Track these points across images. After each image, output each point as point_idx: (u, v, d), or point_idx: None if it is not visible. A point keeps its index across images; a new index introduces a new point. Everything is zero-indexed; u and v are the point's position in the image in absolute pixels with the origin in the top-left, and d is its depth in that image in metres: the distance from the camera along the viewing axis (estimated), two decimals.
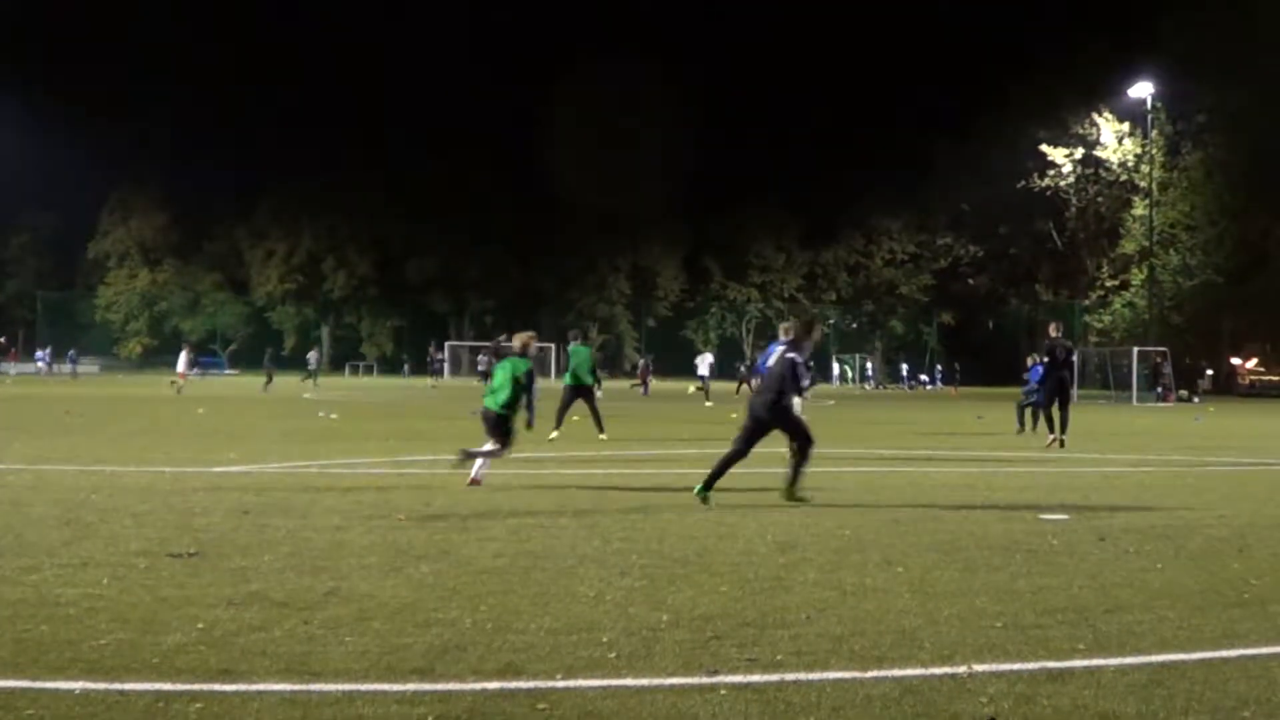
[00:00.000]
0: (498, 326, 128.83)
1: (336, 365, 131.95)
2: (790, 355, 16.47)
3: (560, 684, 7.23)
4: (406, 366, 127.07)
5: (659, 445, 28.07)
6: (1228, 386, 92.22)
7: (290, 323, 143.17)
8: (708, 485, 16.06)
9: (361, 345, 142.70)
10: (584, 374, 29.87)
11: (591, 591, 9.98)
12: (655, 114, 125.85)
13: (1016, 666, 7.87)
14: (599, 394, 30.97)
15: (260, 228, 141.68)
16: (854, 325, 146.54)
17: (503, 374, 18.61)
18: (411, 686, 7.11)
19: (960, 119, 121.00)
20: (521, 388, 18.49)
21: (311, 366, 76.89)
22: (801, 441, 16.56)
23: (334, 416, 38.64)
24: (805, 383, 16.35)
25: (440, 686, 7.13)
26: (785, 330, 17.65)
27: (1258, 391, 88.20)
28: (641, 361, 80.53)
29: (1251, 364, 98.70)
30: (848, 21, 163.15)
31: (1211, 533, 14.13)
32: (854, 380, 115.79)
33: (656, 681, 7.34)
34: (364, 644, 8.10)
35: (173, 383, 60.32)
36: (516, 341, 19.51)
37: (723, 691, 7.13)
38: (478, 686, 7.14)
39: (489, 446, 18.24)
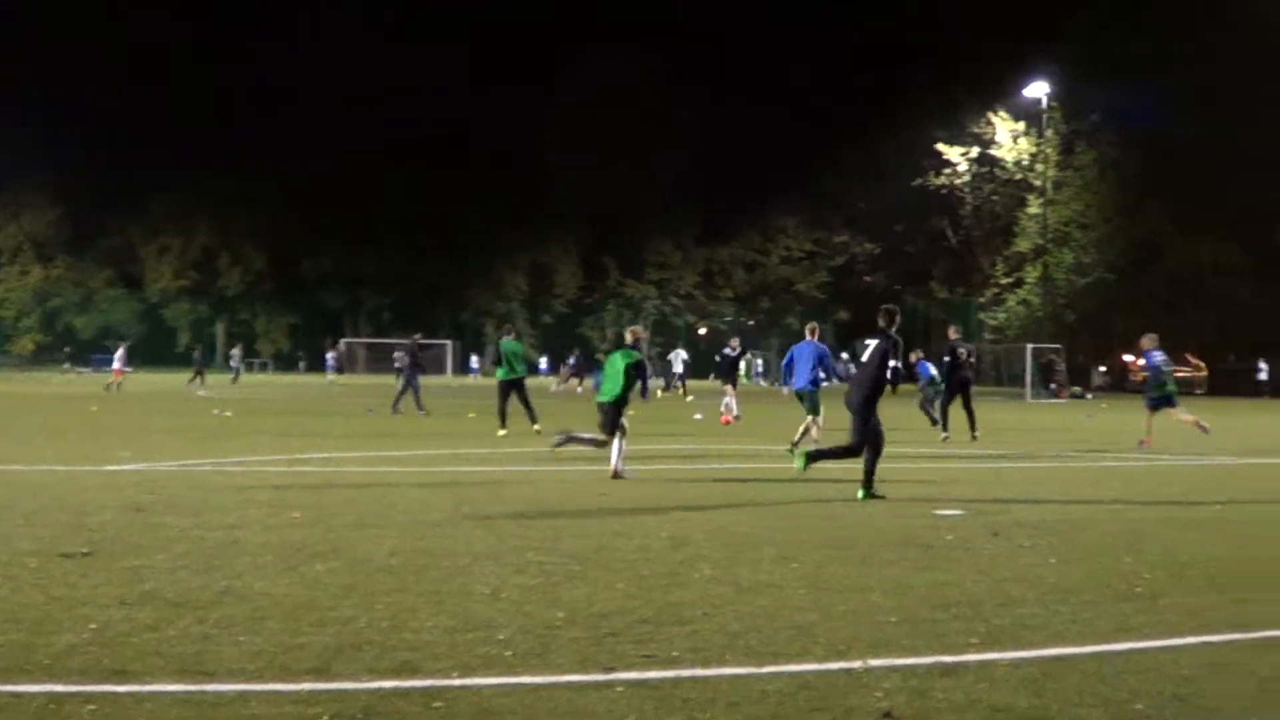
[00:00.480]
0: (394, 323, 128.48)
1: (229, 362, 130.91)
2: (883, 346, 17.27)
3: (456, 682, 7.21)
4: (302, 364, 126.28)
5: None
6: (1120, 383, 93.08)
7: (184, 319, 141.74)
8: (868, 486, 16.91)
9: (256, 342, 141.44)
10: (517, 366, 29.99)
11: (487, 589, 9.96)
12: (553, 112, 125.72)
13: (911, 661, 7.91)
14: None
15: (154, 223, 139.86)
16: (751, 323, 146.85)
17: (613, 367, 19.73)
18: (307, 686, 7.07)
19: (856, 117, 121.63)
20: (633, 378, 19.55)
21: (234, 364, 76.19)
22: (856, 445, 17.18)
23: (228, 414, 38.37)
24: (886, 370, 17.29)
25: (335, 686, 7.10)
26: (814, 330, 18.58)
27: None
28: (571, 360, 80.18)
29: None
30: (744, 19, 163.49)
31: (1103, 527, 14.29)
32: (750, 377, 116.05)
33: (553, 679, 7.33)
34: (258, 643, 8.04)
35: (109, 385, 59.30)
36: (628, 335, 21.12)
37: (619, 688, 7.13)
38: (373, 685, 7.11)
39: (592, 435, 19.59)
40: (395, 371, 66.85)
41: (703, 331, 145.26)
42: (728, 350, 39.76)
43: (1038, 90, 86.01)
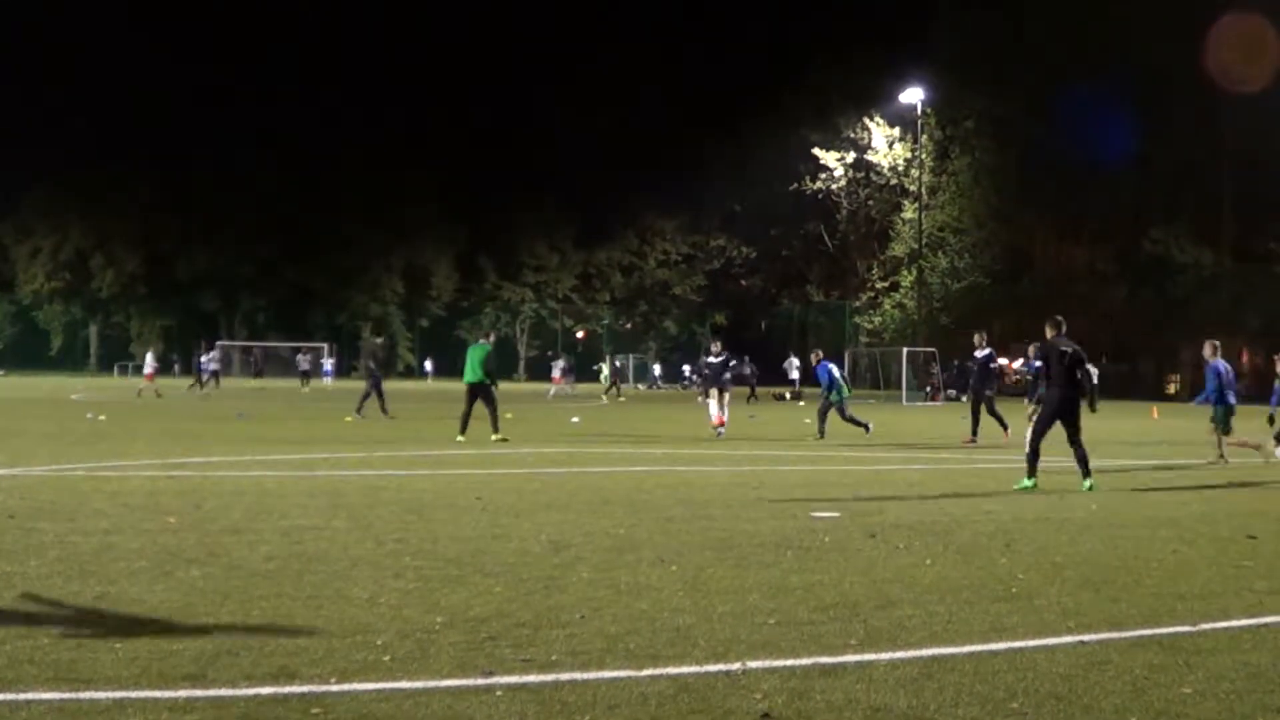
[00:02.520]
0: (270, 326, 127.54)
1: (105, 365, 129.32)
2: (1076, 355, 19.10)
3: (334, 688, 7.17)
4: (177, 367, 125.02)
5: (434, 446, 27.95)
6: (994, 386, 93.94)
7: (57, 322, 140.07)
8: (1086, 474, 19.37)
9: (131, 345, 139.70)
10: (479, 370, 29.49)
11: (365, 594, 9.92)
12: (427, 112, 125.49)
13: (789, 662, 7.95)
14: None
15: (26, 223, 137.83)
16: (628, 326, 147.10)
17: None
18: (183, 693, 7.00)
19: (734, 121, 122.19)
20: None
21: (206, 367, 75.84)
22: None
23: (102, 418, 37.94)
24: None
25: (212, 692, 7.03)
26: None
27: (1023, 391, 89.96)
28: (561, 363, 79.80)
29: (1018, 364, 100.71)
30: (621, 21, 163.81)
31: (979, 528, 14.44)
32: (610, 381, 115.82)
33: (432, 684, 7.30)
34: (134, 650, 7.94)
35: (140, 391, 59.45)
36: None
37: (498, 692, 7.12)
38: (250, 692, 7.05)
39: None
40: (299, 374, 66.28)
41: (580, 335, 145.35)
42: (710, 358, 38.47)
43: (913, 96, 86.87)
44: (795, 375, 72.96)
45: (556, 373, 78.12)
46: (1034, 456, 19.62)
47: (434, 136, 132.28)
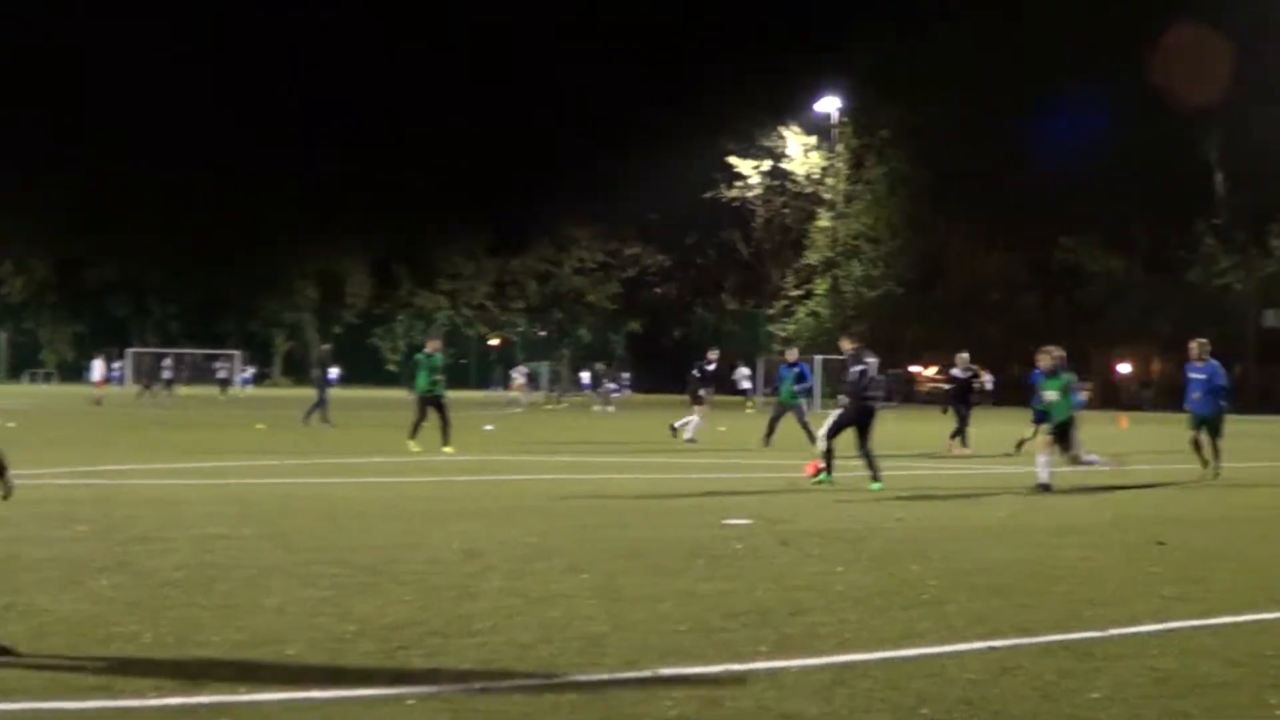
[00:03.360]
0: (183, 333, 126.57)
1: (14, 372, 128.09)
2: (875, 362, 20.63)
3: (244, 698, 7.14)
4: (120, 374, 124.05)
5: (347, 454, 27.84)
6: (908, 394, 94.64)
7: None
8: (875, 477, 20.67)
9: (41, 352, 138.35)
10: (422, 379, 29.09)
11: (276, 603, 9.87)
12: (342, 119, 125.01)
13: (701, 670, 7.99)
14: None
15: None
16: (543, 333, 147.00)
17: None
18: (92, 704, 6.95)
19: (649, 129, 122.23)
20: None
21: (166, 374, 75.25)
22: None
23: (11, 424, 37.58)
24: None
25: (121, 703, 6.99)
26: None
27: (936, 399, 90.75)
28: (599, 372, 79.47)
29: (931, 372, 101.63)
30: (537, 28, 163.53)
31: (890, 536, 14.52)
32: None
33: (343, 693, 7.28)
34: (42, 661, 7.88)
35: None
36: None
37: (410, 702, 7.10)
38: (160, 702, 7.01)
39: None
40: (218, 383, 65.83)
41: (494, 343, 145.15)
42: (708, 365, 37.49)
43: (829, 105, 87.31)
44: (747, 385, 73.15)
45: (519, 379, 78.93)
46: (829, 455, 21.18)
47: (349, 143, 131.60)
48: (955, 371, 34.03)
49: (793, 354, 33.75)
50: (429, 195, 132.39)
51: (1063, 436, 21.22)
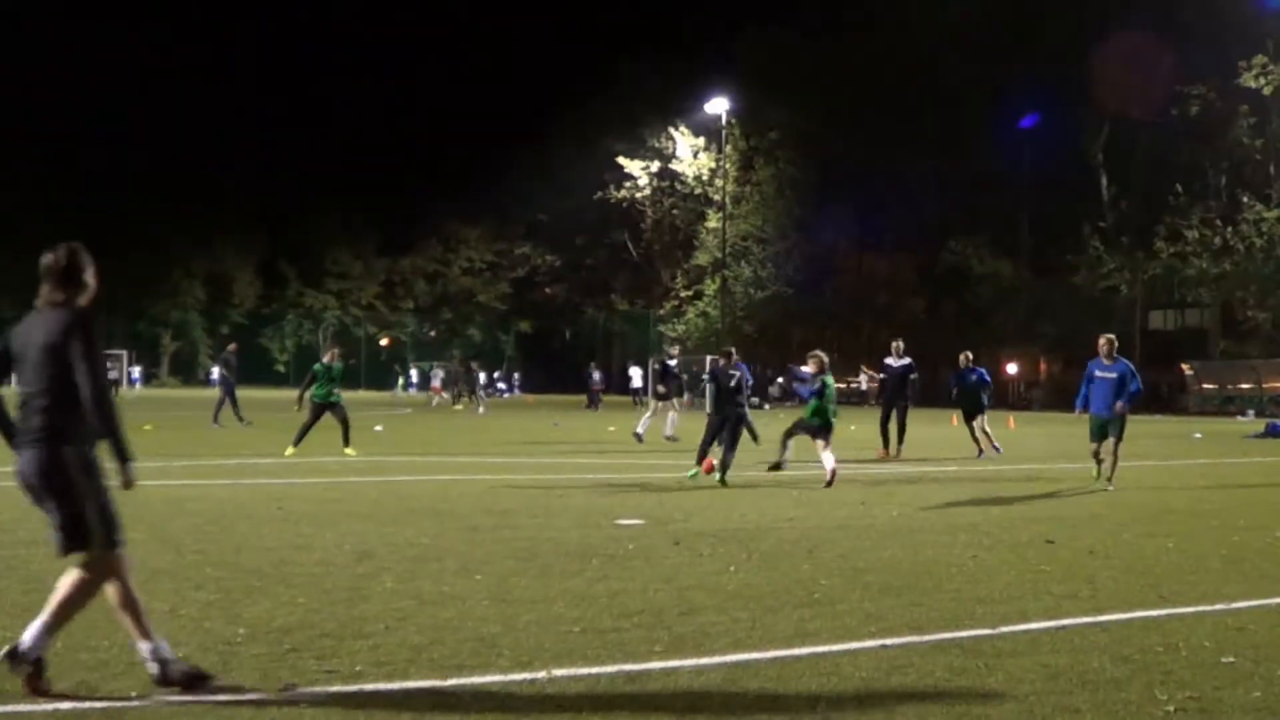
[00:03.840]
0: None
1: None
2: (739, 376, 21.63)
3: (135, 703, 7.08)
4: None
5: (234, 456, 27.61)
6: (795, 394, 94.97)
7: None
8: (723, 477, 21.29)
9: None
10: (325, 390, 28.67)
11: (165, 606, 9.78)
12: (228, 117, 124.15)
13: (595, 670, 8.01)
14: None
15: None
16: (432, 334, 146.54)
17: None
18: None
19: (538, 129, 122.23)
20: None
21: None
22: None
23: None
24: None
25: (9, 708, 6.92)
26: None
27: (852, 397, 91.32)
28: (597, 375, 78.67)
29: (865, 378, 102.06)
30: (427, 28, 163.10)
31: (782, 535, 14.58)
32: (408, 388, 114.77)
33: (234, 697, 7.23)
34: None
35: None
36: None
37: (302, 705, 7.07)
38: (49, 707, 6.95)
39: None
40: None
41: (384, 343, 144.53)
42: (670, 361, 36.80)
43: (718, 106, 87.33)
44: (638, 384, 73.29)
45: (436, 382, 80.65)
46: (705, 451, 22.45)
47: (235, 142, 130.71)
48: (890, 361, 32.03)
49: (676, 350, 33.90)
50: (316, 194, 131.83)
51: (822, 433, 22.31)
